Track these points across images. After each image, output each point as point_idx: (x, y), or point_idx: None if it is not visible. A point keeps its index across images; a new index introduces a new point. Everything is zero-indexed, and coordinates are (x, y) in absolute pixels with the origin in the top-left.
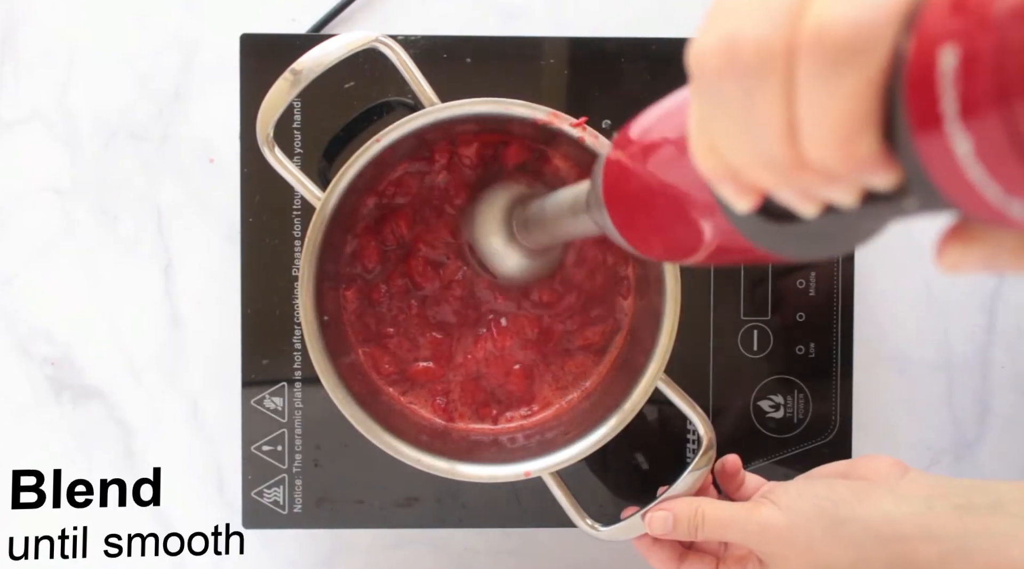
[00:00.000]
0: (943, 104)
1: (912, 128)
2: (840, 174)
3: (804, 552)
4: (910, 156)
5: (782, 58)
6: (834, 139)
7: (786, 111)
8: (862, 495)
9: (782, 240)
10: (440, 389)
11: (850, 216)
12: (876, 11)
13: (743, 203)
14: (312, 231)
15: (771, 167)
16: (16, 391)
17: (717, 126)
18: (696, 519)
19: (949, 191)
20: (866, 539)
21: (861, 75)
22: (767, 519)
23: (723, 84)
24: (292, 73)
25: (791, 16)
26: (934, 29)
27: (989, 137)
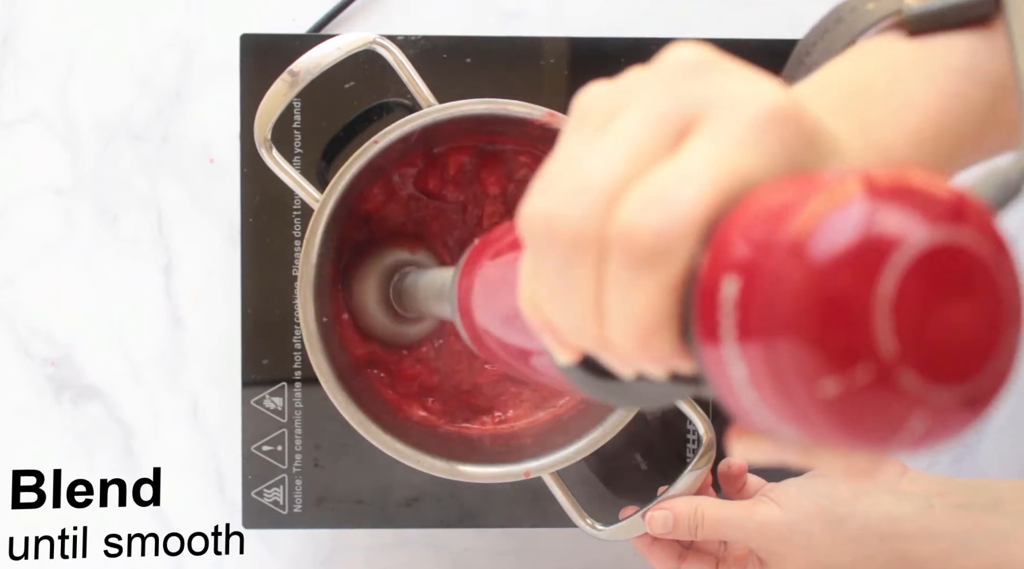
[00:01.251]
0: (722, 330)
1: (698, 346)
2: (642, 358)
3: (804, 550)
4: (700, 361)
5: (593, 248)
6: (634, 334)
7: (595, 297)
8: (862, 493)
9: (600, 391)
10: (439, 390)
11: (661, 384)
12: (675, 224)
13: (562, 357)
14: (311, 232)
15: (583, 338)
16: (16, 391)
17: (539, 286)
18: (696, 518)
19: (726, 403)
20: (866, 537)
21: (659, 280)
22: (767, 517)
23: (542, 254)
24: (290, 74)
25: (605, 209)
26: (722, 253)
27: (759, 370)
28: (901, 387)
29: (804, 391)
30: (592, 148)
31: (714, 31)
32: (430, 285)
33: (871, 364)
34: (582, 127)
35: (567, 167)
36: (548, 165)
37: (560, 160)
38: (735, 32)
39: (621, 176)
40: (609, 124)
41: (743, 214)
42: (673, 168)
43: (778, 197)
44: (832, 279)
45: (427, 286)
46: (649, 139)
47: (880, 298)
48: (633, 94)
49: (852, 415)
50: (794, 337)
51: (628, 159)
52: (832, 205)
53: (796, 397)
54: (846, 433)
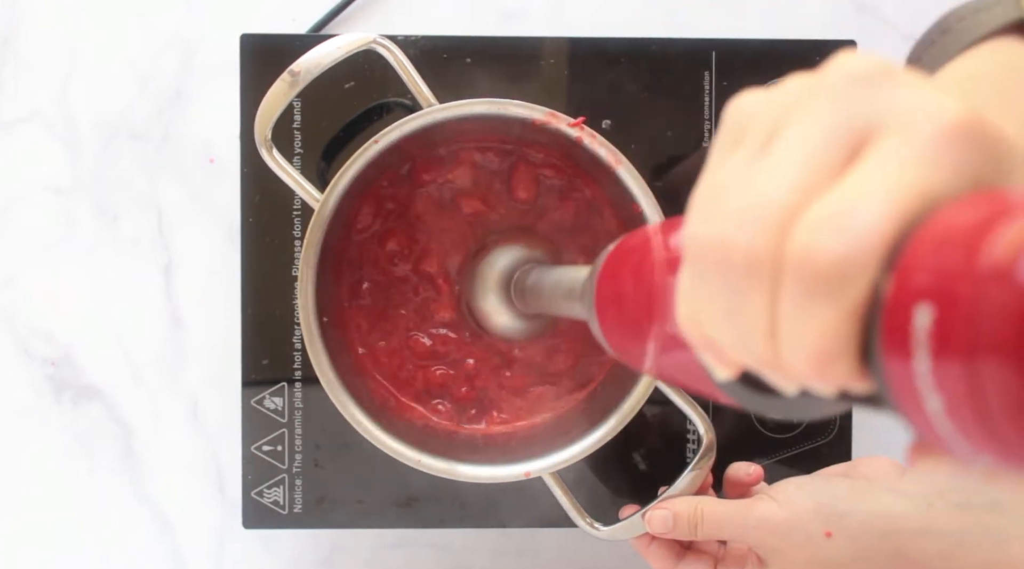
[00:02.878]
0: (915, 363)
1: (885, 374)
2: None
3: (803, 547)
4: (883, 386)
5: (768, 273)
6: (809, 359)
7: (769, 318)
8: (861, 491)
9: (758, 405)
10: (439, 390)
11: (825, 402)
12: (858, 247)
13: (723, 373)
14: (311, 232)
15: (751, 357)
16: (16, 391)
17: (703, 307)
18: (695, 517)
19: (920, 432)
20: (865, 534)
21: (839, 306)
22: (766, 515)
23: (711, 279)
24: (290, 74)
25: (779, 232)
26: (912, 280)
27: (959, 399)
28: None
29: (1011, 418)
30: (759, 166)
31: (714, 31)
32: (557, 284)
33: None
34: (742, 141)
35: (733, 186)
36: (707, 180)
37: (721, 179)
38: (735, 32)
39: (795, 197)
40: (775, 139)
41: (931, 236)
42: (851, 188)
43: (970, 217)
44: None
45: (555, 284)
46: (822, 157)
47: None
48: (799, 107)
49: None
50: (1002, 363)
51: (801, 178)
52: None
53: (1000, 426)
54: None
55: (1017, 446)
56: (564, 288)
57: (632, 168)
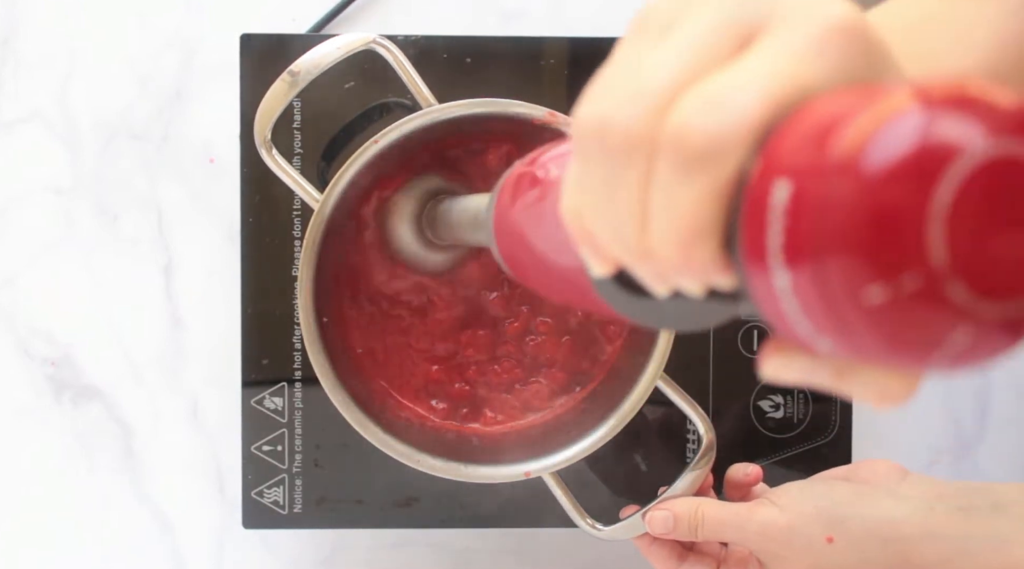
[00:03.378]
0: (769, 236)
1: (741, 247)
2: (682, 269)
3: (804, 552)
4: (740, 273)
5: (645, 150)
6: (676, 239)
7: (641, 201)
8: (862, 496)
9: (634, 309)
10: (439, 390)
11: (696, 303)
12: (729, 127)
13: (599, 268)
14: (311, 232)
15: (623, 248)
16: (16, 391)
17: (584, 192)
18: (696, 518)
19: (767, 315)
20: (866, 539)
21: (707, 184)
22: (767, 519)
23: (592, 158)
24: (290, 75)
25: (659, 112)
26: (775, 160)
27: (805, 278)
28: (948, 298)
29: (849, 299)
30: (651, 54)
31: None
32: (464, 211)
33: (920, 272)
34: (641, 35)
35: (623, 73)
36: (603, 71)
37: (616, 66)
38: None
39: (678, 81)
40: (669, 31)
41: (798, 123)
42: (731, 74)
43: (834, 107)
44: (885, 190)
45: (461, 212)
46: (710, 46)
47: (935, 208)
48: (696, 3)
49: (896, 325)
50: (843, 244)
51: (687, 64)
52: (887, 115)
53: (840, 305)
54: (888, 345)
55: (855, 325)
56: (470, 215)
57: None
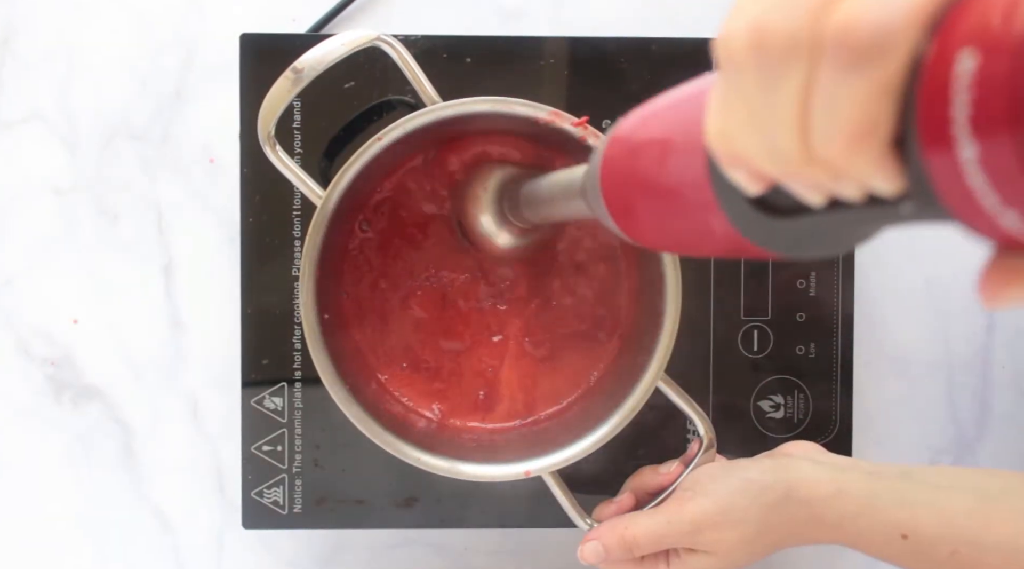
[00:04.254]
0: (954, 108)
1: (921, 128)
2: (845, 173)
3: (736, 526)
4: (915, 160)
5: (806, 52)
6: (843, 138)
7: (802, 105)
8: (784, 465)
9: (778, 237)
10: (440, 388)
11: (849, 216)
12: (900, 13)
13: (752, 187)
14: (313, 228)
15: (781, 160)
16: (16, 391)
17: (734, 113)
18: (627, 542)
19: (948, 196)
20: (787, 502)
21: (878, 77)
22: (697, 512)
23: (746, 71)
24: (293, 71)
25: (819, 10)
26: (956, 33)
27: (995, 147)
28: None
29: None
30: None
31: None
32: (555, 185)
33: None
34: None
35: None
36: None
37: None
38: None
39: None
40: None
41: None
42: None
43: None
44: None
45: (552, 185)
46: None
47: None
48: None
49: None
50: None
51: None
52: None
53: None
54: None
55: None
56: (563, 186)
57: None
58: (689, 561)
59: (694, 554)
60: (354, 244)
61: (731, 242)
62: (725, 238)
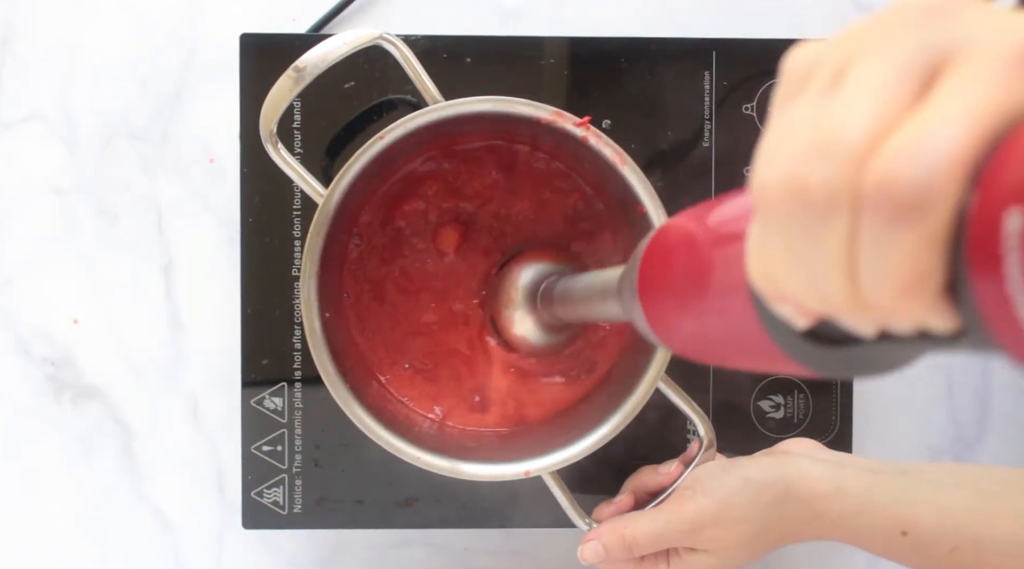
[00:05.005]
0: (1007, 267)
1: (973, 287)
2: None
3: (735, 524)
4: (970, 310)
5: (847, 205)
6: (893, 291)
7: (848, 254)
8: (783, 462)
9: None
10: (438, 389)
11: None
12: (939, 169)
13: (800, 322)
14: (315, 227)
15: (826, 303)
16: (16, 391)
17: (776, 255)
18: (627, 542)
19: (1008, 344)
20: (785, 499)
21: (923, 231)
22: (697, 511)
23: (785, 221)
24: (295, 70)
25: (856, 164)
26: (1000, 189)
27: None
28: None
29: None
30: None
31: (714, 31)
32: (590, 286)
33: None
34: (805, 87)
35: (801, 129)
36: (772, 130)
37: (787, 124)
38: (735, 32)
39: (872, 128)
40: (843, 79)
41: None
42: (928, 114)
43: None
44: None
45: (587, 287)
46: (896, 88)
47: None
48: (865, 45)
49: None
50: None
51: (876, 111)
52: None
53: None
54: None
55: None
56: (598, 288)
57: (637, 168)
58: (689, 560)
59: (694, 553)
60: (355, 244)
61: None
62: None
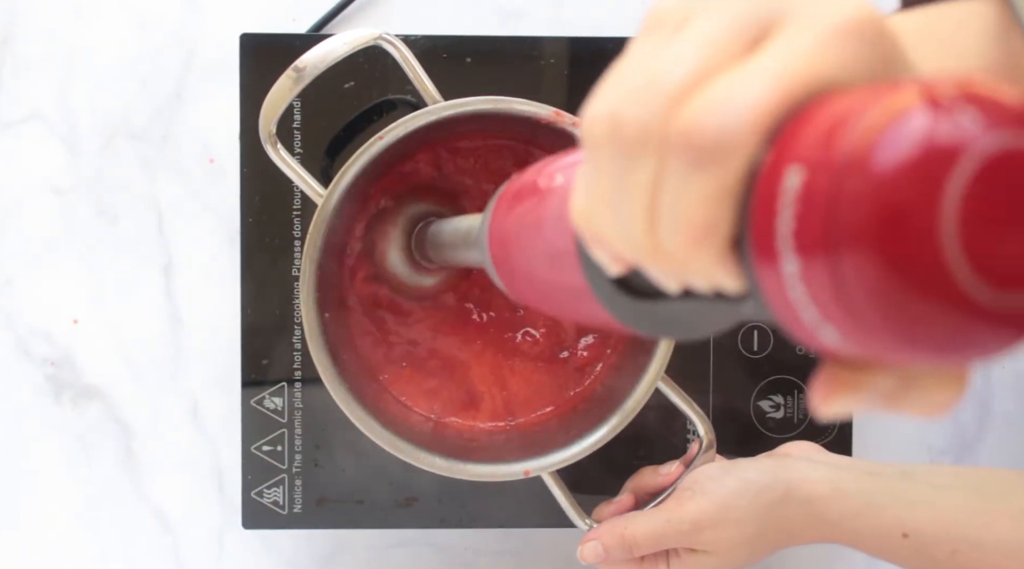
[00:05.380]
0: (779, 222)
1: (751, 236)
2: (690, 268)
3: (734, 526)
4: (748, 265)
5: (656, 146)
6: (685, 237)
7: (651, 197)
8: (783, 465)
9: (637, 315)
10: (441, 387)
11: (702, 306)
12: (740, 122)
13: (612, 268)
14: (314, 227)
15: (633, 247)
16: (16, 391)
17: (594, 193)
18: (627, 542)
19: (774, 304)
20: (785, 501)
21: (716, 180)
22: (696, 511)
23: (603, 156)
24: (295, 70)
25: (671, 107)
26: (788, 148)
27: (814, 264)
28: (960, 289)
29: (859, 288)
30: (663, 50)
31: None
32: (456, 231)
33: (931, 264)
34: (654, 32)
35: (635, 68)
36: (615, 67)
37: (628, 62)
38: None
39: (691, 76)
40: (682, 28)
41: (811, 117)
42: (743, 70)
43: (845, 102)
44: (894, 187)
45: (453, 232)
46: (723, 42)
47: (945, 204)
48: (710, 1)
49: (904, 316)
50: (853, 236)
51: (699, 60)
52: (895, 112)
53: (850, 294)
54: (896, 335)
55: (870, 322)
56: (461, 235)
57: None
58: (689, 561)
59: (694, 554)
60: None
61: (601, 316)
62: (595, 311)
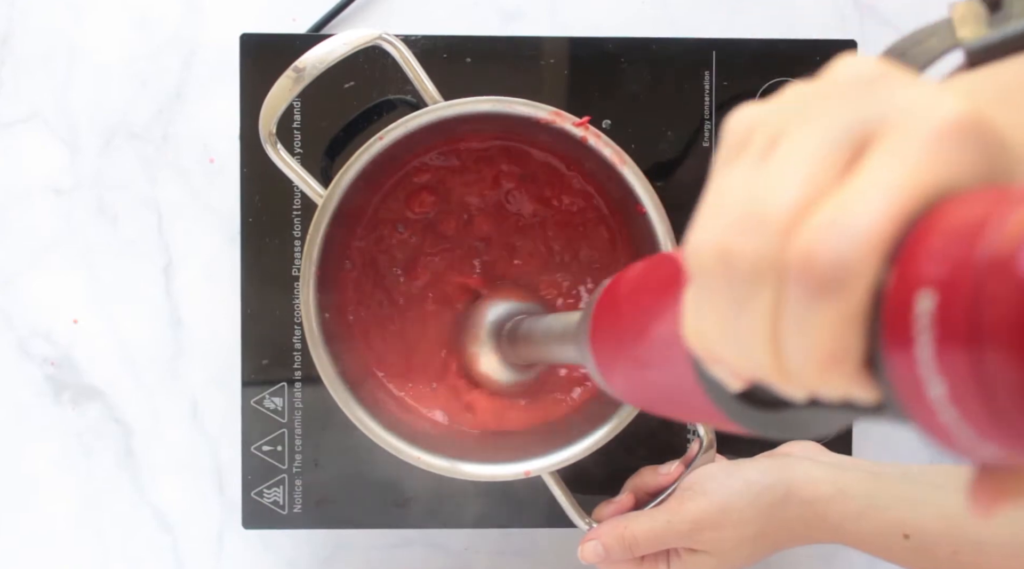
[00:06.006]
0: (917, 348)
1: (888, 365)
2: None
3: (735, 526)
4: (887, 386)
5: (773, 275)
6: (814, 365)
7: (773, 325)
8: (785, 465)
9: (764, 426)
10: (442, 388)
11: (833, 412)
12: (857, 247)
13: (734, 385)
14: (314, 227)
15: (754, 369)
16: (16, 391)
17: (707, 319)
18: (626, 542)
19: (921, 425)
20: (787, 502)
21: (841, 308)
22: (696, 511)
23: (716, 286)
24: (295, 70)
25: (782, 238)
26: (913, 270)
27: (962, 384)
28: None
29: (1015, 404)
30: (761, 174)
31: (714, 31)
32: (550, 329)
33: None
34: (743, 153)
35: (734, 196)
36: (710, 192)
37: (723, 189)
38: (735, 32)
39: (799, 201)
40: (777, 147)
41: (932, 230)
42: (851, 189)
43: (970, 210)
44: None
45: (547, 330)
46: (824, 160)
47: None
48: (799, 114)
49: None
50: (1005, 349)
51: (803, 184)
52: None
53: (1006, 411)
54: None
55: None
56: (557, 331)
57: (636, 168)
58: (689, 561)
59: (694, 554)
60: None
61: (716, 419)
62: (710, 415)
